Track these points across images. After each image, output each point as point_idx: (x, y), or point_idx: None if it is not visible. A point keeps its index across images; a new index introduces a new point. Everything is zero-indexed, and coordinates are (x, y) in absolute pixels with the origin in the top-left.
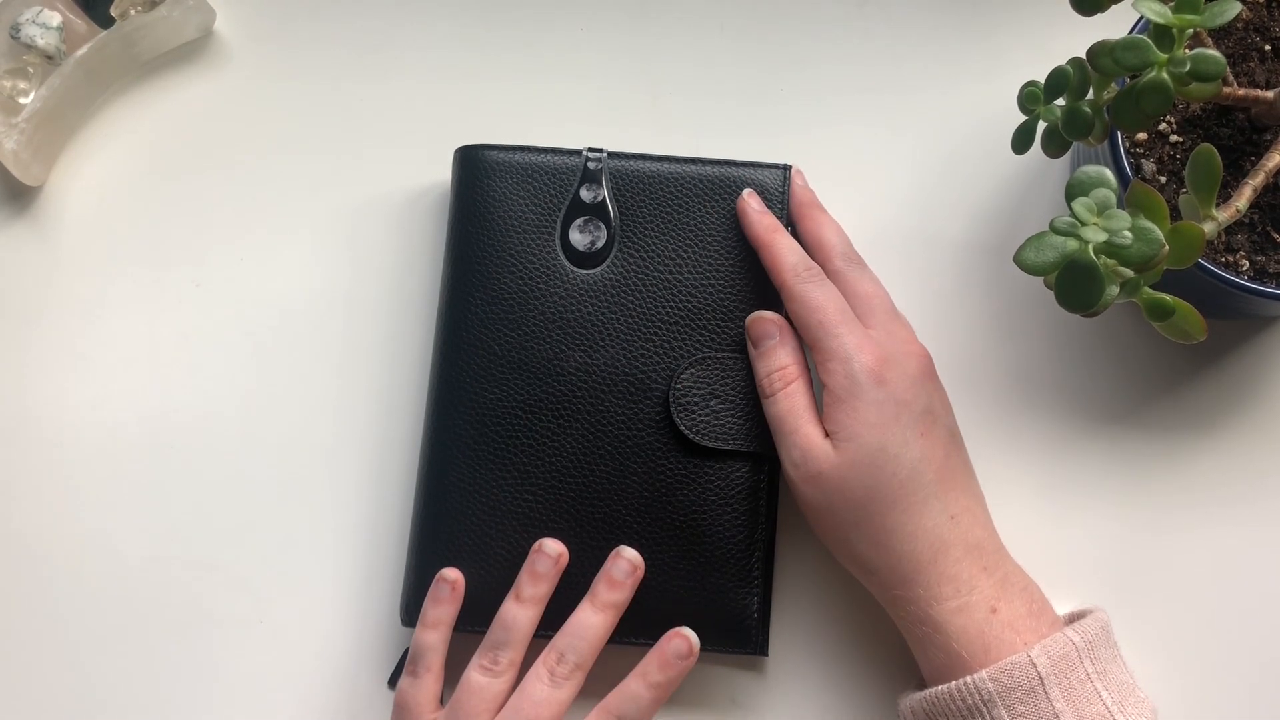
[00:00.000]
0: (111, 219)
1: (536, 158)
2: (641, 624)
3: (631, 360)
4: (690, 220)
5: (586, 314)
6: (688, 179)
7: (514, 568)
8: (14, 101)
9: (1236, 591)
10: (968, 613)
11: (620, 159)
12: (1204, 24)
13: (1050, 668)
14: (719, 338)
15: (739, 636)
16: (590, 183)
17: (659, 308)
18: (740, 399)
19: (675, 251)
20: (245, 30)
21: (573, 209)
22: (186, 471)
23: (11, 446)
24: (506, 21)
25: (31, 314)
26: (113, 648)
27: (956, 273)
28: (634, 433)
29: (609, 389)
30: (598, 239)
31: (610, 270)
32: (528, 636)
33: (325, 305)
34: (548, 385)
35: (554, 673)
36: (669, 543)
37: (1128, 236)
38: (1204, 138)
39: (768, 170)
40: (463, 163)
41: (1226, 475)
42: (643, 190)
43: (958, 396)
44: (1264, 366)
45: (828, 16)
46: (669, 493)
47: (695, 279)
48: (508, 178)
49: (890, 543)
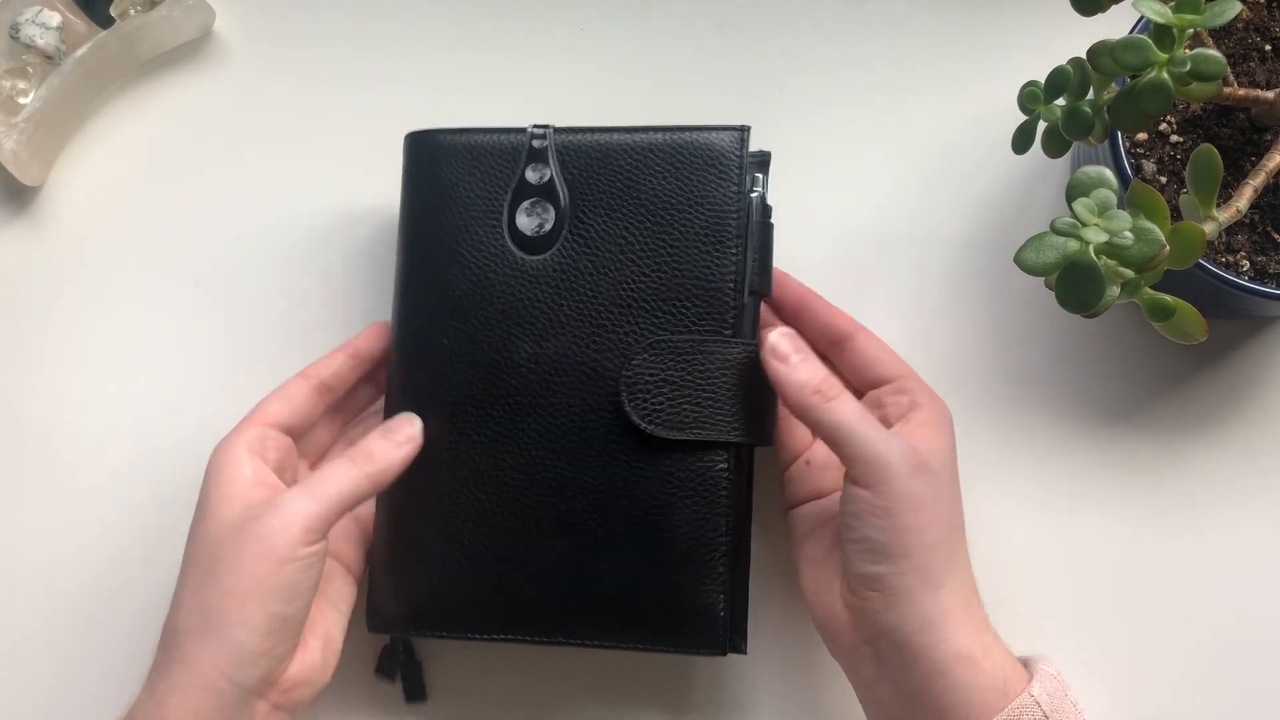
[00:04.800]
0: (111, 218)
1: (482, 138)
2: (600, 625)
3: (583, 349)
4: (643, 193)
5: (536, 302)
6: (639, 148)
7: (471, 570)
8: (13, 101)
9: (1237, 591)
10: (1000, 641)
11: (567, 133)
12: (1204, 24)
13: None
14: (675, 319)
15: (704, 637)
16: (536, 162)
17: (611, 291)
18: (697, 384)
19: (627, 229)
20: (245, 30)
21: (519, 191)
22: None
23: (11, 446)
24: (507, 21)
25: (31, 314)
26: (112, 648)
27: (956, 273)
28: (588, 425)
29: (561, 380)
30: (546, 222)
31: (560, 254)
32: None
33: (325, 305)
34: (499, 379)
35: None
36: (626, 539)
37: (1128, 237)
38: (1204, 138)
39: (723, 133)
40: (412, 149)
41: (1226, 475)
42: (592, 165)
43: (958, 397)
44: (1264, 366)
45: (827, 16)
46: (625, 487)
47: (649, 258)
48: (455, 162)
49: (967, 561)
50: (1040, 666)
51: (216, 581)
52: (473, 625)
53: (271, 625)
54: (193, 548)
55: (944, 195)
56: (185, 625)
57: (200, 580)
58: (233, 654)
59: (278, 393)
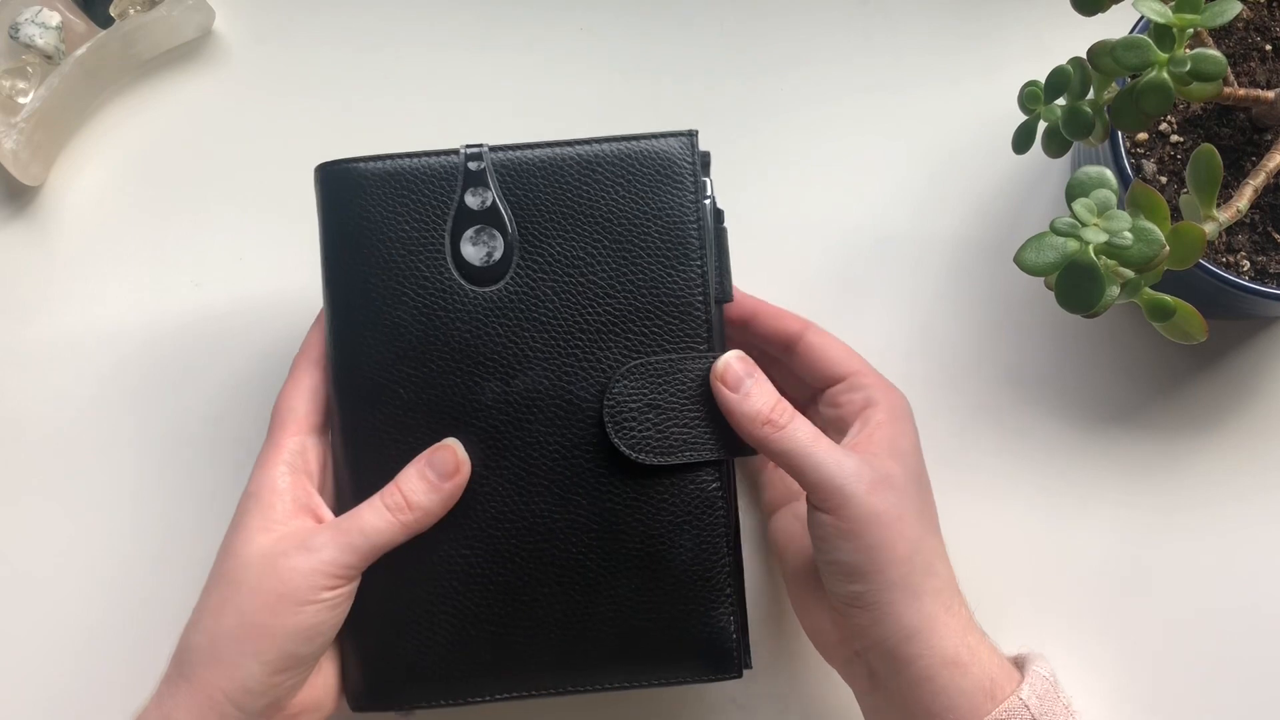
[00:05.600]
0: (110, 218)
1: (409, 163)
2: (610, 668)
3: (555, 380)
4: (595, 210)
5: (496, 337)
6: (584, 161)
7: (463, 631)
8: (13, 101)
9: (1237, 591)
10: (987, 639)
11: (505, 151)
12: (1204, 24)
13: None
14: (649, 340)
15: (720, 662)
16: (475, 185)
17: (576, 316)
18: (682, 404)
19: (584, 249)
20: (245, 30)
21: (460, 219)
22: (186, 471)
23: (10, 446)
24: (507, 22)
25: (30, 314)
26: (112, 648)
27: (956, 273)
28: (571, 460)
29: (535, 417)
30: (494, 249)
31: (514, 283)
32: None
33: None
34: (466, 424)
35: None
36: (628, 574)
37: (1128, 237)
38: (1205, 138)
39: (671, 140)
40: (325, 183)
41: (1226, 475)
42: (536, 184)
43: (957, 397)
44: (1264, 366)
45: (827, 16)
46: (619, 520)
47: (611, 277)
48: (380, 192)
49: (944, 560)
50: (1032, 667)
51: (236, 609)
52: (470, 689)
53: (286, 662)
54: (223, 564)
55: (944, 195)
56: (199, 645)
57: (221, 604)
58: (241, 684)
59: (296, 388)
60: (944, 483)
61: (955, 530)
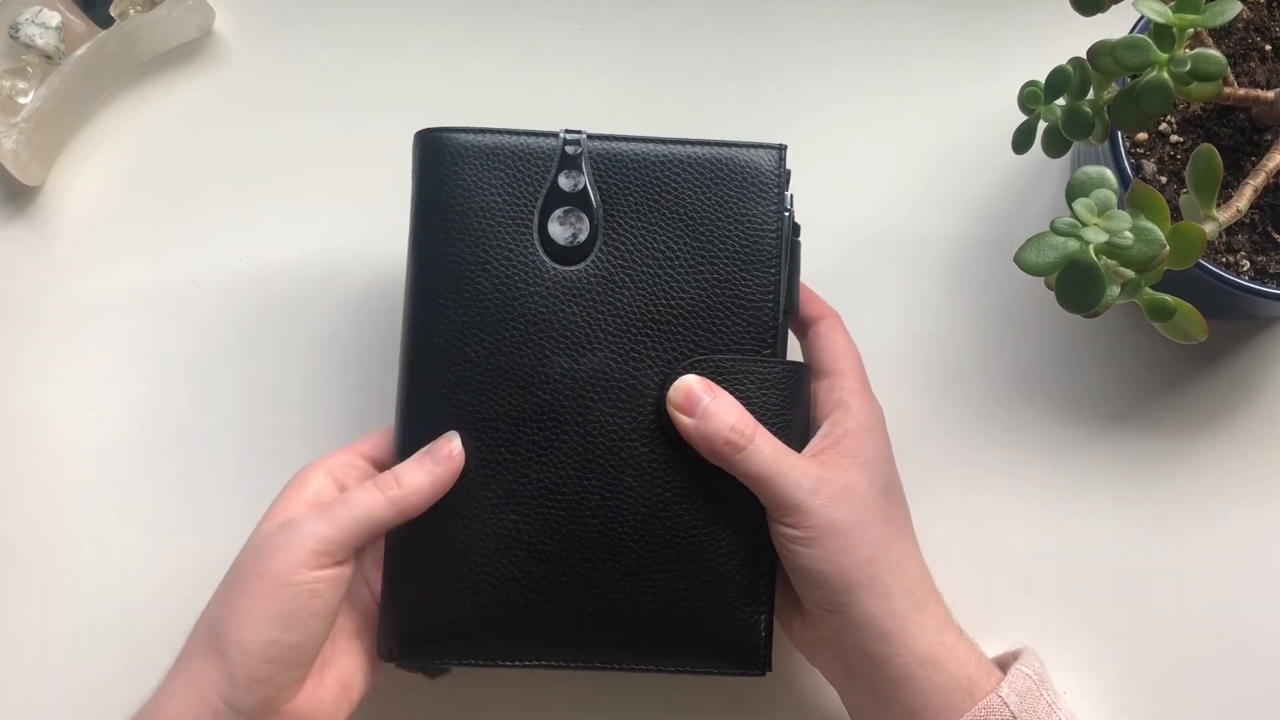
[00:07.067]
0: (110, 219)
1: (508, 140)
2: (640, 649)
3: (622, 364)
4: (681, 207)
5: (571, 314)
6: (676, 161)
7: (504, 595)
8: (13, 101)
9: (1237, 590)
10: (965, 637)
11: (601, 140)
12: (1204, 24)
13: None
14: (716, 338)
15: (746, 658)
16: (569, 169)
17: (650, 306)
18: (741, 403)
19: (665, 242)
20: (245, 30)
21: (551, 198)
22: (186, 472)
23: (11, 446)
24: (506, 21)
25: (30, 314)
26: (111, 648)
27: (956, 272)
28: (627, 444)
29: (599, 396)
30: (580, 231)
31: (595, 265)
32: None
33: (325, 301)
34: (531, 394)
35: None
36: (669, 561)
37: (1128, 237)
38: (1204, 138)
39: (762, 151)
40: (424, 149)
41: (1226, 475)
42: (627, 175)
43: (957, 397)
44: (1264, 366)
45: (827, 15)
46: (667, 507)
47: (687, 273)
48: (476, 164)
49: (915, 561)
50: (1017, 665)
51: (231, 595)
52: (505, 652)
53: (269, 653)
54: (240, 553)
55: (944, 195)
56: (200, 634)
57: (225, 589)
58: (228, 678)
59: (373, 434)
60: (943, 482)
61: (954, 529)
